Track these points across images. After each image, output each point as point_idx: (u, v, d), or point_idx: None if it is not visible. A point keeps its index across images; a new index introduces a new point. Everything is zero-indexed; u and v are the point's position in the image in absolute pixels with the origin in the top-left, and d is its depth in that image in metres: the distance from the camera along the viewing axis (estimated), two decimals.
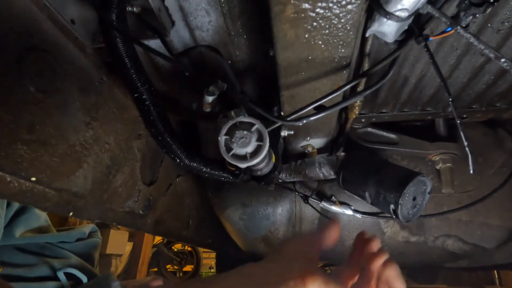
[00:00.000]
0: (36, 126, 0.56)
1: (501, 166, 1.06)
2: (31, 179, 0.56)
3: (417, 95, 0.86)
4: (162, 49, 0.61)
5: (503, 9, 0.60)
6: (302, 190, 1.05)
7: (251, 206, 1.07)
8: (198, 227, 1.35)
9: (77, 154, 0.66)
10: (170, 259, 3.76)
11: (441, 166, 1.01)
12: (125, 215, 0.86)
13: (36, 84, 0.56)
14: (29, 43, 0.56)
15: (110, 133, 0.77)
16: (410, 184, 0.60)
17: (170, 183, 1.10)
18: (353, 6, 0.41)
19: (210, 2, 0.62)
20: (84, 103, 0.68)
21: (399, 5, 0.40)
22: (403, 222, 0.62)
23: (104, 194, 0.76)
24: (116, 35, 0.54)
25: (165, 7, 0.63)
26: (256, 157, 0.48)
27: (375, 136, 1.04)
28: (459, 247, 1.11)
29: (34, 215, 0.75)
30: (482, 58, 0.73)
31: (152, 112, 0.63)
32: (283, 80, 0.57)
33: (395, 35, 0.45)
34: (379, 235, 1.09)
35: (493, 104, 0.91)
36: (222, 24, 0.66)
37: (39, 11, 0.57)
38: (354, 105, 0.74)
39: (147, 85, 0.60)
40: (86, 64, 0.69)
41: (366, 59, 0.58)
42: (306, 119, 0.52)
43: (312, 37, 0.47)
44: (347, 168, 0.75)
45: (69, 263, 0.75)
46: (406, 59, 0.72)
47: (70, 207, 0.66)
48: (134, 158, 0.88)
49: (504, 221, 1.06)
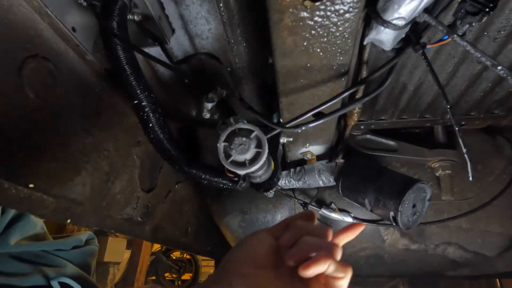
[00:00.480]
0: (35, 133, 0.56)
1: (501, 173, 1.06)
2: (29, 186, 0.55)
3: (415, 102, 0.86)
4: (162, 56, 0.62)
5: (498, 18, 0.61)
6: (302, 197, 1.04)
7: (250, 213, 1.07)
8: (197, 234, 1.34)
9: (76, 161, 0.66)
10: (168, 267, 3.71)
11: (440, 173, 1.01)
12: (123, 223, 0.86)
13: (36, 91, 0.57)
14: (31, 51, 0.56)
15: (109, 140, 0.77)
16: (409, 191, 0.60)
17: (169, 190, 1.10)
18: (351, 14, 0.42)
19: (210, 11, 0.63)
20: (83, 110, 0.68)
21: (396, 14, 0.40)
22: (403, 229, 0.62)
23: (103, 201, 0.76)
24: (117, 43, 0.55)
25: (165, 15, 0.63)
26: (255, 163, 0.48)
27: (374, 143, 1.04)
28: (460, 255, 1.10)
29: (30, 223, 0.74)
30: (479, 66, 0.74)
31: (151, 119, 0.63)
32: (282, 87, 0.57)
33: (392, 43, 0.46)
34: (379, 243, 1.08)
35: (491, 111, 0.91)
36: (222, 32, 0.67)
37: (41, 19, 0.58)
38: (353, 112, 0.74)
39: (147, 92, 0.61)
40: (86, 71, 0.70)
41: (364, 67, 0.59)
42: (305, 126, 0.52)
43: (311, 45, 0.47)
44: (346, 175, 0.75)
45: (64, 272, 0.73)
46: (404, 66, 0.73)
47: (68, 214, 0.66)
48: (133, 165, 0.88)
49: (505, 228, 1.06)
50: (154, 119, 0.63)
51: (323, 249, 0.35)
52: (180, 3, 0.62)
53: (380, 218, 1.04)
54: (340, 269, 0.34)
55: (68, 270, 0.76)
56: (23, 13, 0.54)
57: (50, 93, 0.60)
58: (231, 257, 0.39)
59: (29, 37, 0.56)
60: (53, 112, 0.60)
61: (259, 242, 0.39)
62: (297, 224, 0.40)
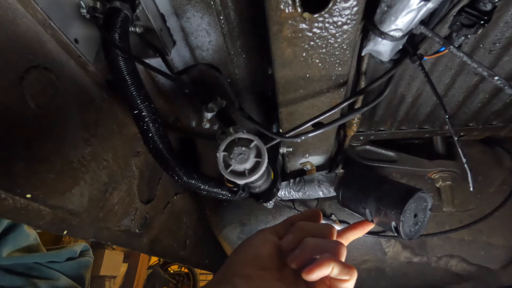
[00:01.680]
0: (34, 142, 0.56)
1: (501, 184, 1.06)
2: (26, 196, 0.55)
3: (414, 113, 0.87)
4: (163, 67, 0.63)
5: (493, 31, 0.63)
6: (301, 208, 1.03)
7: (249, 225, 1.05)
8: (195, 247, 1.31)
9: (74, 171, 0.66)
10: (166, 281, 3.63)
11: (441, 184, 1.00)
12: (120, 234, 0.85)
13: (37, 101, 0.57)
14: (32, 62, 0.57)
15: (108, 150, 0.77)
16: (410, 201, 0.60)
17: (168, 201, 1.09)
18: (349, 26, 0.43)
19: (211, 23, 0.64)
20: (83, 120, 0.68)
21: (393, 25, 0.41)
22: (405, 239, 0.61)
23: (100, 212, 0.75)
24: (118, 53, 0.55)
25: (167, 28, 0.65)
26: (254, 173, 0.48)
27: (374, 154, 1.04)
28: (463, 268, 1.08)
29: (23, 234, 0.73)
30: (476, 78, 0.75)
31: (151, 129, 0.63)
32: (281, 97, 0.58)
33: (390, 54, 0.47)
34: (381, 255, 1.07)
35: (490, 122, 0.92)
36: (222, 44, 0.68)
37: (44, 31, 0.59)
38: (352, 122, 0.75)
39: (147, 102, 0.61)
40: (87, 81, 0.70)
41: (363, 77, 0.60)
42: (305, 136, 0.52)
43: (310, 56, 0.48)
44: (346, 185, 0.74)
45: (57, 285, 0.72)
46: (402, 78, 0.74)
47: (64, 225, 0.65)
48: (132, 175, 0.88)
49: (507, 240, 1.04)
50: (154, 129, 0.63)
51: (326, 250, 0.34)
52: (181, 16, 0.63)
53: (381, 230, 1.02)
54: (345, 271, 0.33)
55: (61, 283, 0.74)
56: (26, 24, 0.55)
57: (51, 103, 0.60)
58: (235, 257, 0.38)
59: (31, 48, 0.57)
60: (53, 122, 0.60)
61: (263, 243, 0.38)
62: (300, 225, 0.39)
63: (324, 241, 0.36)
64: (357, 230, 0.43)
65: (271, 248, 0.38)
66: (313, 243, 0.36)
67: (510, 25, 0.61)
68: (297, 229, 0.39)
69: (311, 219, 0.42)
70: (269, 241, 0.39)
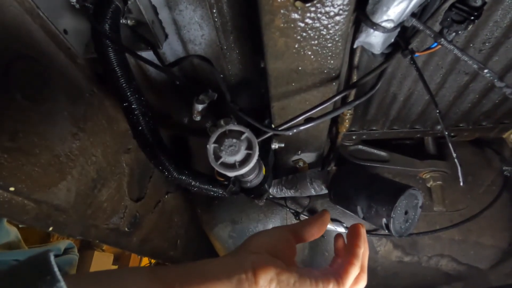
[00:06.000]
0: (19, 134, 0.54)
1: (490, 185, 1.07)
2: (9, 189, 0.53)
3: (406, 112, 0.88)
4: (155, 61, 0.62)
5: (483, 30, 0.64)
6: (294, 206, 1.03)
7: (241, 223, 1.04)
8: (186, 247, 1.29)
9: (61, 165, 0.64)
10: None
11: (431, 183, 1.01)
12: (109, 232, 0.82)
13: (23, 91, 0.55)
14: (19, 52, 0.56)
15: (97, 145, 0.75)
16: (401, 197, 0.60)
17: (159, 200, 1.07)
18: (341, 17, 0.43)
19: (203, 17, 0.64)
20: (72, 113, 0.67)
21: (385, 16, 0.41)
22: (396, 236, 0.61)
23: (88, 209, 0.73)
24: (108, 44, 0.54)
25: (159, 20, 0.64)
26: (245, 165, 0.47)
27: (366, 154, 1.05)
28: (453, 268, 1.09)
29: (4, 230, 0.70)
30: (467, 77, 0.76)
31: (141, 122, 0.62)
32: (273, 91, 0.57)
33: (382, 46, 0.47)
34: (372, 254, 1.07)
35: (479, 123, 0.93)
36: (215, 38, 0.67)
37: (32, 20, 0.57)
38: (344, 118, 0.75)
39: (137, 94, 0.60)
40: (76, 74, 0.69)
41: (355, 71, 0.60)
42: (296, 128, 0.52)
43: (302, 48, 0.48)
44: (338, 182, 0.74)
45: None
46: (394, 77, 0.75)
47: (50, 221, 0.63)
48: (122, 172, 0.86)
49: (496, 240, 1.06)
50: (144, 123, 0.62)
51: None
52: (173, 9, 0.62)
53: (372, 228, 1.03)
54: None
55: None
56: (13, 13, 0.54)
57: (38, 95, 0.59)
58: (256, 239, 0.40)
59: (19, 37, 0.55)
60: (40, 114, 0.59)
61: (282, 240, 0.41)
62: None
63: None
64: (360, 237, 0.45)
65: (288, 244, 0.41)
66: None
67: (499, 24, 0.62)
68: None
69: (319, 224, 0.45)
70: (288, 241, 0.41)
